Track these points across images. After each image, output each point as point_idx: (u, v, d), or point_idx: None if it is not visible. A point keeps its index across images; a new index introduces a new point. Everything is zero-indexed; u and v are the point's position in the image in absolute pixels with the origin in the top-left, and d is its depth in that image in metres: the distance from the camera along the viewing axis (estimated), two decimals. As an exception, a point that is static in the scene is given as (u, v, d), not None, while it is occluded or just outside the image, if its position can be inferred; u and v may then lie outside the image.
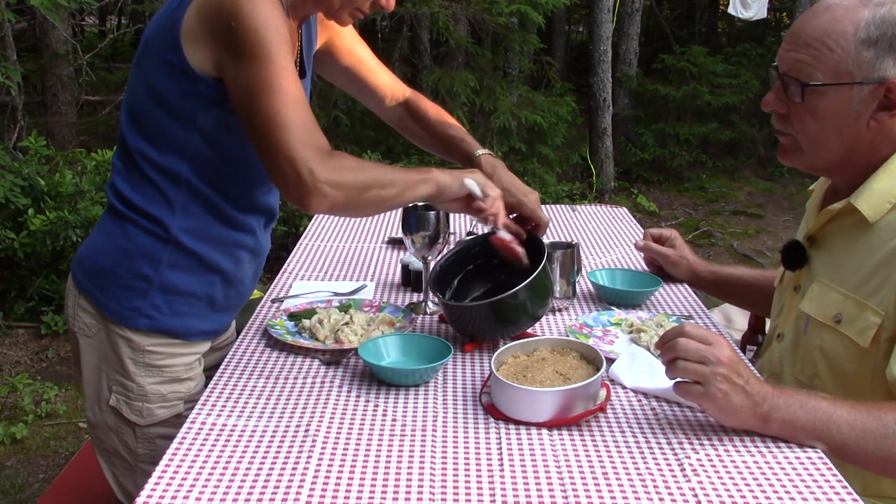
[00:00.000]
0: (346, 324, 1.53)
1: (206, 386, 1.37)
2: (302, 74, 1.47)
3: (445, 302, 1.51)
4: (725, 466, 1.12)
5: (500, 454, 1.15)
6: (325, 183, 1.23)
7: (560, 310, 1.72)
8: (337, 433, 1.20)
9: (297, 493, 1.05)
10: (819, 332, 1.38)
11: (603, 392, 1.28)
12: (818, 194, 1.52)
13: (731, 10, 8.07)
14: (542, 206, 1.67)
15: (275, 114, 1.23)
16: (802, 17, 1.36)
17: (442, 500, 1.04)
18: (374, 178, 1.32)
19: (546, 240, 2.00)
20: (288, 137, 1.22)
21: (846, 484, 1.09)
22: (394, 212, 2.52)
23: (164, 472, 1.09)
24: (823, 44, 1.29)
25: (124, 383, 1.45)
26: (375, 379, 1.37)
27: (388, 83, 1.78)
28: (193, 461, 1.11)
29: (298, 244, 2.18)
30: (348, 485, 1.07)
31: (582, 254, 2.00)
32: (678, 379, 1.20)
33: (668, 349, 1.20)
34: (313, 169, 1.22)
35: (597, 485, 1.08)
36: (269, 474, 1.09)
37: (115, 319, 1.43)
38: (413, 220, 1.63)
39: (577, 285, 1.81)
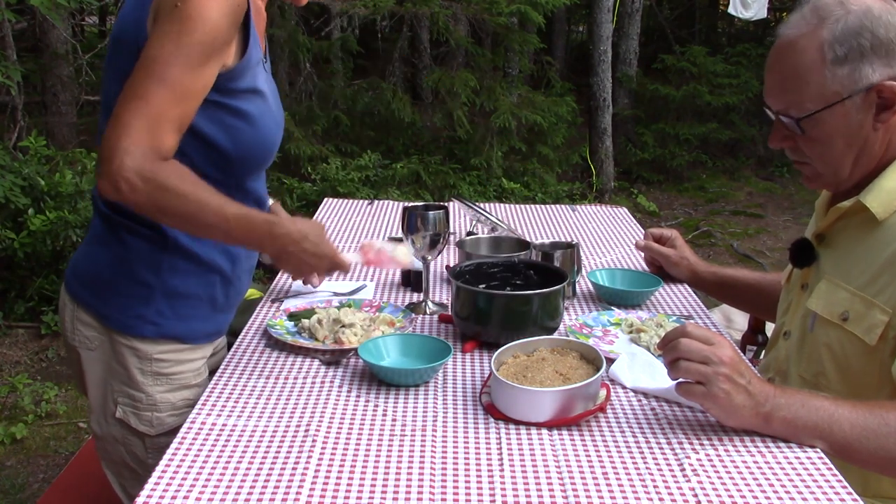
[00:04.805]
0: (346, 325, 1.52)
1: (207, 387, 1.36)
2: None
3: (466, 287, 1.51)
4: (725, 466, 1.12)
5: (500, 454, 1.15)
6: (124, 180, 1.19)
7: (560, 310, 1.72)
8: (337, 433, 1.20)
9: (297, 493, 1.05)
10: (826, 330, 1.38)
11: (603, 392, 1.28)
12: (827, 192, 1.52)
13: (731, 10, 8.07)
14: (543, 207, 1.68)
15: (141, 98, 1.20)
16: (771, 56, 1.37)
17: (442, 500, 1.04)
18: (184, 211, 1.25)
19: (545, 240, 2.01)
20: (131, 123, 1.19)
21: (846, 484, 1.09)
22: (394, 211, 2.52)
23: (164, 472, 1.09)
24: (799, 79, 1.32)
25: (132, 394, 1.43)
26: (375, 379, 1.37)
27: None
28: (193, 461, 1.11)
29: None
30: (348, 485, 1.07)
31: (582, 254, 2.00)
32: (680, 379, 1.20)
33: (671, 349, 1.20)
34: (125, 161, 1.18)
35: (597, 485, 1.08)
36: (269, 474, 1.09)
37: (120, 329, 1.40)
38: (413, 220, 1.63)
39: (577, 285, 1.81)
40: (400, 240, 1.65)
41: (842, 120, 1.32)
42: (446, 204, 1.89)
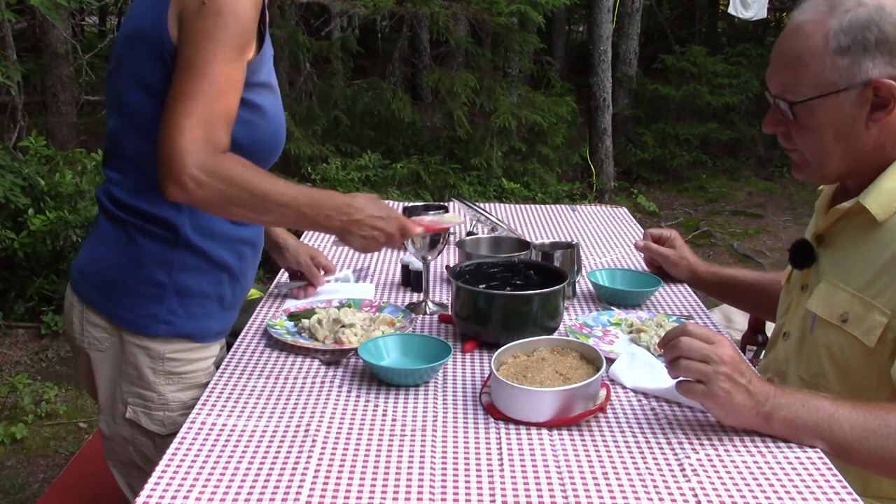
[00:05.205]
0: (346, 325, 1.53)
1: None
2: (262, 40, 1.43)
3: (466, 287, 1.51)
4: (725, 466, 1.12)
5: (500, 454, 1.15)
6: (189, 178, 1.20)
7: (560, 310, 1.72)
8: (337, 433, 1.20)
9: (297, 493, 1.05)
10: (825, 332, 1.37)
11: (603, 392, 1.28)
12: (827, 193, 1.52)
13: (731, 10, 8.08)
14: (543, 207, 1.68)
15: (188, 98, 1.22)
16: (778, 39, 1.38)
17: (442, 500, 1.04)
18: (253, 198, 1.27)
19: (545, 240, 2.01)
20: (185, 123, 1.21)
21: (846, 484, 1.09)
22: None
23: (164, 472, 1.09)
24: (799, 61, 1.32)
25: (143, 394, 1.42)
26: (375, 379, 1.37)
27: None
28: (193, 461, 1.11)
29: (298, 244, 2.18)
30: (348, 485, 1.07)
31: (582, 254, 2.00)
32: (681, 378, 1.20)
33: (671, 348, 1.20)
34: (186, 160, 1.20)
35: (597, 485, 1.08)
36: (269, 474, 1.09)
37: (133, 329, 1.40)
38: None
39: (577, 285, 1.81)
40: (444, 209, 1.66)
41: (834, 111, 1.31)
42: (446, 204, 1.89)
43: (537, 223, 2.47)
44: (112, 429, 1.47)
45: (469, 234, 2.12)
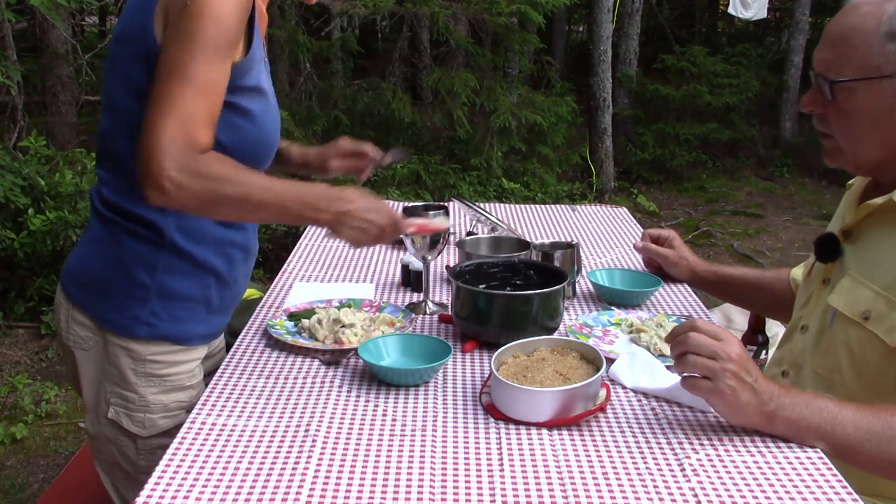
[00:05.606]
0: (346, 325, 1.53)
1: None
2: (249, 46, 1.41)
3: (466, 287, 1.50)
4: (725, 466, 1.12)
5: (500, 454, 1.15)
6: (168, 179, 1.19)
7: (560, 310, 1.72)
8: (337, 433, 1.20)
9: (297, 493, 1.05)
10: (845, 327, 1.36)
11: (603, 392, 1.28)
12: (858, 187, 1.50)
13: (731, 10, 8.09)
14: (543, 207, 1.68)
15: (167, 99, 1.21)
16: (833, 17, 1.36)
17: (442, 500, 1.04)
18: (235, 196, 1.24)
19: (545, 240, 2.01)
20: (163, 125, 1.19)
21: (846, 484, 1.09)
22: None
23: (164, 472, 1.08)
24: (848, 41, 1.30)
25: (125, 395, 1.42)
26: (375, 379, 1.37)
27: None
28: (193, 461, 1.11)
29: (298, 244, 2.18)
30: (348, 485, 1.07)
31: (582, 254, 2.00)
32: (686, 374, 1.19)
33: (679, 343, 1.19)
34: (164, 162, 1.18)
35: (597, 485, 1.08)
36: (269, 474, 1.09)
37: (115, 330, 1.40)
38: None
39: (577, 285, 1.81)
40: (443, 209, 1.66)
41: (874, 97, 1.29)
42: (446, 204, 1.89)
43: (537, 223, 2.47)
44: (96, 428, 1.47)
45: (469, 234, 2.12)
